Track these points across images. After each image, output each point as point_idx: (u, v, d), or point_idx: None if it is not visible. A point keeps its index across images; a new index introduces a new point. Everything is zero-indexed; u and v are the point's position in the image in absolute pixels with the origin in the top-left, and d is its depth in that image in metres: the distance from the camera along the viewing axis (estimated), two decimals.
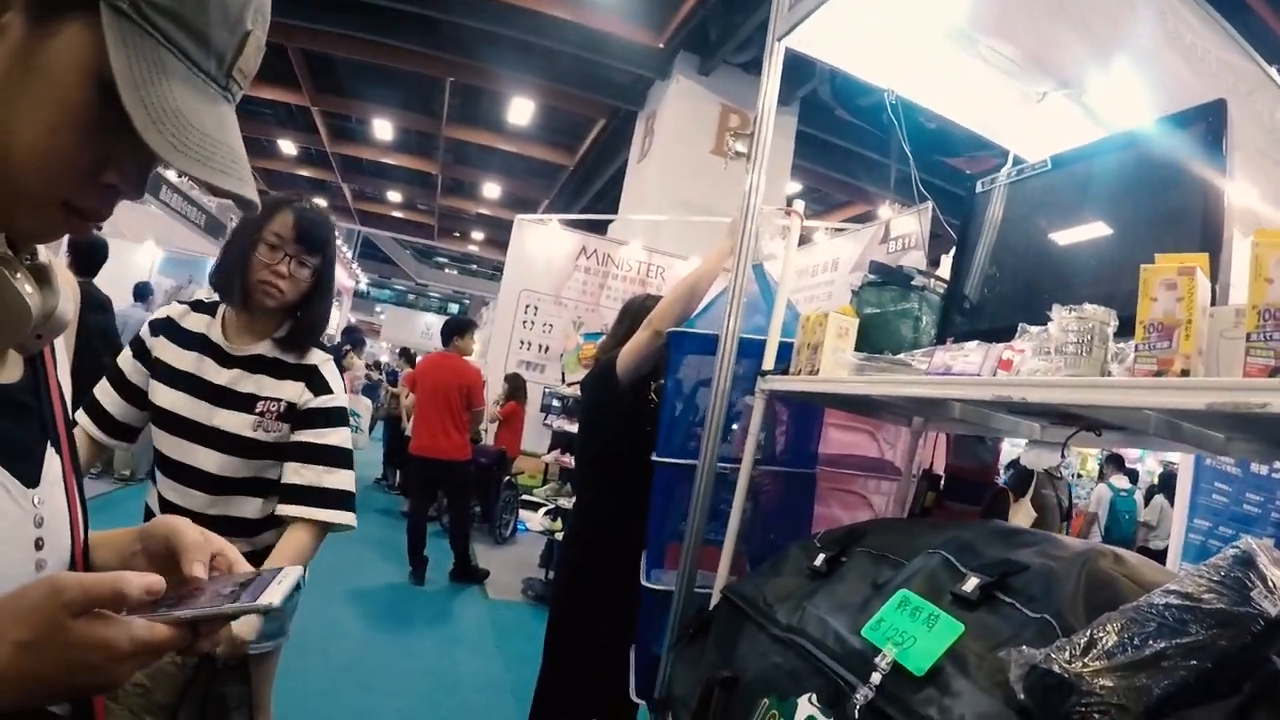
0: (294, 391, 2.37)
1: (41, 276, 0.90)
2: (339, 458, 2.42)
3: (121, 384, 2.38)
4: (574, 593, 3.36)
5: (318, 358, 2.43)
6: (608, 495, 3.29)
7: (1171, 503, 8.77)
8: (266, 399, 2.33)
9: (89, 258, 6.38)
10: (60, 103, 0.78)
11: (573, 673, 3.26)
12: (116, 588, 0.78)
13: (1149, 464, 15.61)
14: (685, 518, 2.68)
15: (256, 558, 2.31)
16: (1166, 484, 10.75)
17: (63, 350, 1.05)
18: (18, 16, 0.77)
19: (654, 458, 2.82)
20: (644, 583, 2.80)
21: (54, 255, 0.94)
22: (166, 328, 2.37)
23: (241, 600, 0.89)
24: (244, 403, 2.31)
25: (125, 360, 2.38)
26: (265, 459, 2.36)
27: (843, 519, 2.82)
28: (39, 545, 0.90)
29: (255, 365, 2.35)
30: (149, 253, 13.57)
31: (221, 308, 2.39)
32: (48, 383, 0.98)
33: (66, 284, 0.94)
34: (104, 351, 5.57)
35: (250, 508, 2.37)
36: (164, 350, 2.34)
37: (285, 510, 2.32)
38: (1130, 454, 15.17)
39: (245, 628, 2.09)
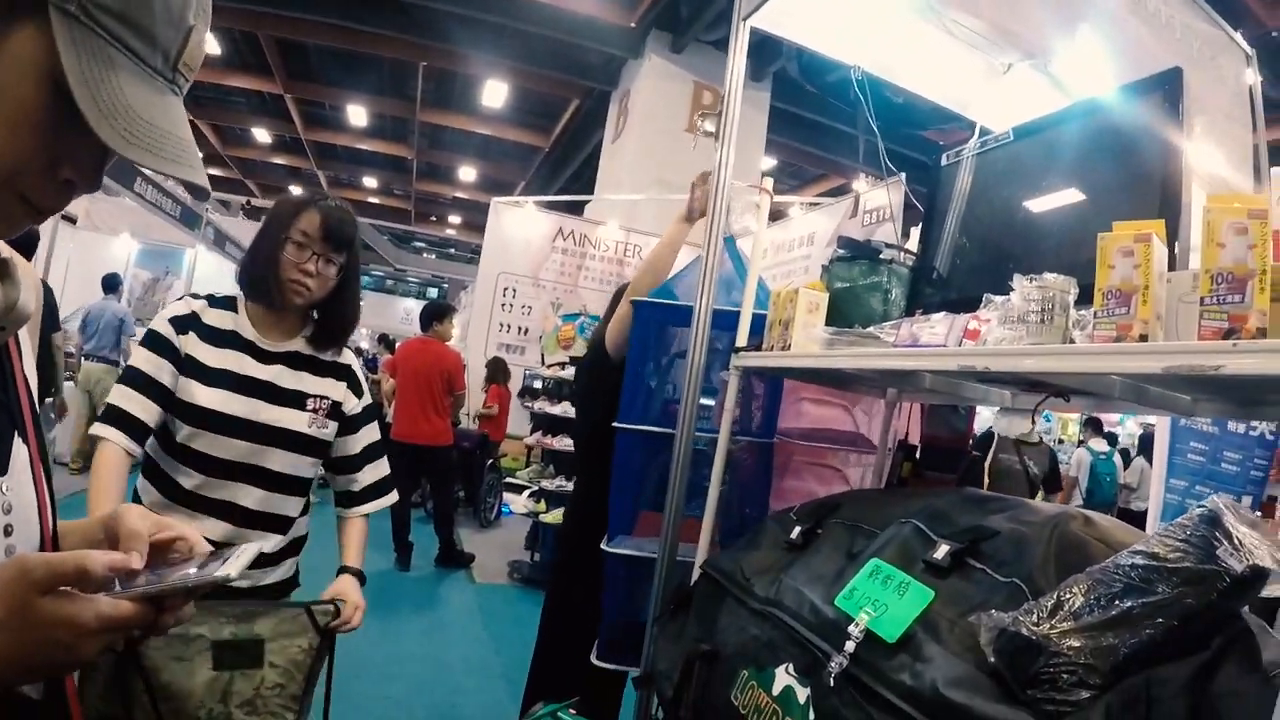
0: (338, 391, 2.42)
1: (2, 270, 0.92)
2: (379, 449, 2.60)
3: (149, 387, 2.22)
4: (566, 572, 3.41)
5: (349, 357, 2.49)
6: (598, 476, 3.32)
7: (1151, 464, 8.82)
8: (314, 396, 2.36)
9: (21, 249, 6.53)
10: (17, 103, 0.80)
11: (563, 651, 3.29)
12: (81, 565, 0.81)
13: (1129, 427, 15.74)
14: (643, 485, 2.73)
15: (285, 552, 2.43)
16: (1146, 446, 10.82)
17: (27, 342, 1.08)
18: None
19: (616, 424, 2.86)
20: (604, 547, 2.84)
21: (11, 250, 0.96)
22: (195, 325, 2.30)
23: (202, 574, 0.93)
24: (294, 399, 2.32)
25: (147, 361, 2.23)
26: (318, 456, 2.41)
27: (818, 492, 2.85)
28: (8, 532, 0.93)
29: (295, 362, 2.36)
30: (124, 245, 13.48)
31: (241, 303, 2.37)
32: (14, 374, 1.01)
33: (27, 276, 0.97)
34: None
35: (294, 506, 2.39)
36: (195, 348, 2.27)
37: (354, 513, 2.51)
38: (1110, 418, 15.30)
39: (358, 594, 2.26)
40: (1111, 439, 12.59)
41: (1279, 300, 1.21)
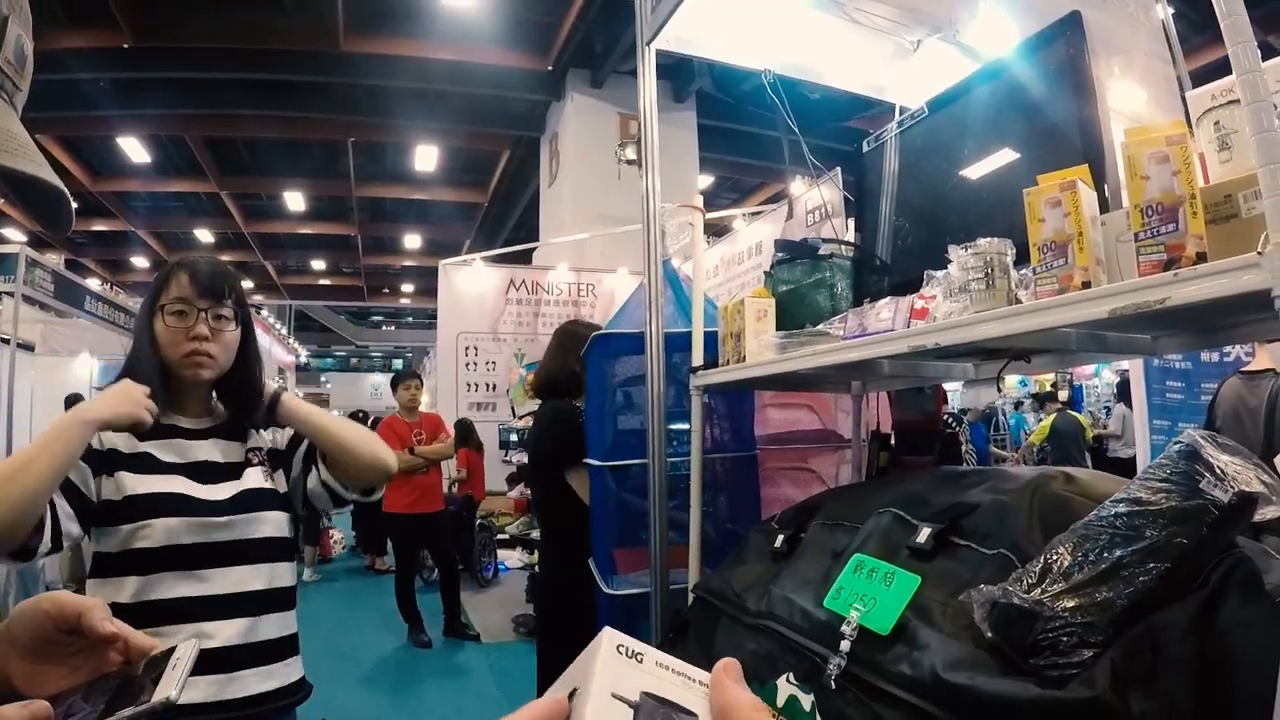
0: (264, 439, 2.15)
1: None
2: None
3: (68, 491, 1.77)
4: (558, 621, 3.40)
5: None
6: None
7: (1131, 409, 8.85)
8: (252, 449, 2.08)
9: None
10: None
11: None
12: None
13: (1106, 376, 15.86)
14: (622, 521, 2.71)
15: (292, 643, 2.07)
16: (1124, 392, 10.86)
17: None
18: None
19: (589, 461, 2.84)
20: (607, 590, 2.79)
21: None
22: (115, 463, 1.87)
23: (138, 702, 0.73)
24: (238, 467, 2.03)
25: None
26: (286, 510, 2.09)
27: (796, 497, 2.84)
28: None
29: (222, 432, 2.06)
30: (85, 364, 13.41)
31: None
32: None
33: None
34: None
35: (291, 573, 2.10)
36: (118, 441, 1.89)
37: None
38: (1085, 371, 15.42)
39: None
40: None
41: (1215, 222, 1.20)
